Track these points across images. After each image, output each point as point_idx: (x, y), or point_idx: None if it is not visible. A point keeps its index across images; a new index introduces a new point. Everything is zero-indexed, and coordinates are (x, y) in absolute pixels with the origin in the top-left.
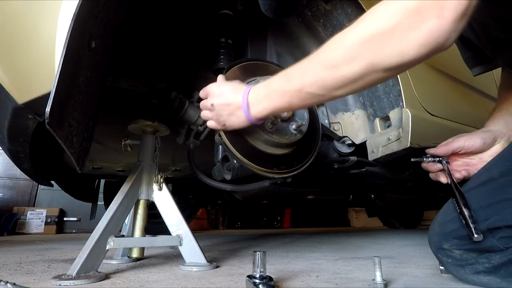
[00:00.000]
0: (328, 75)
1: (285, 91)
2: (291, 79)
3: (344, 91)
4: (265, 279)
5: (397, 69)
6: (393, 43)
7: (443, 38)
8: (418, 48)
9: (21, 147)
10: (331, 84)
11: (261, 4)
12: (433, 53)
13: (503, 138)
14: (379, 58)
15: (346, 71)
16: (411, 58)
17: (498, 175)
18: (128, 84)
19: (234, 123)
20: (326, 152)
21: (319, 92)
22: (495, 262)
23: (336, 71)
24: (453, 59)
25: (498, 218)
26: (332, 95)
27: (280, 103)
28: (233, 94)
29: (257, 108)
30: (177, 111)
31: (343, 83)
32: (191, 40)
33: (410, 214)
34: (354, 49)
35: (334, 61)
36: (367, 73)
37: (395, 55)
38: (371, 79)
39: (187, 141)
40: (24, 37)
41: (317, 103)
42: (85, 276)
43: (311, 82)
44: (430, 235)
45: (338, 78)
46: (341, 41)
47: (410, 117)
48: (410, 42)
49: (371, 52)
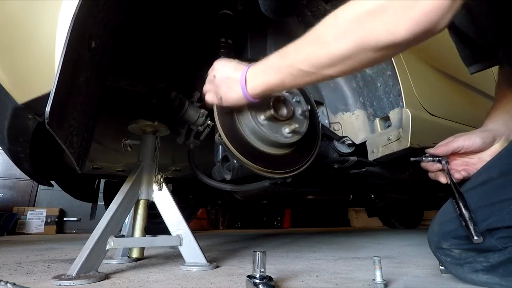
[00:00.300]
0: (319, 52)
1: (279, 67)
2: (286, 55)
3: (334, 70)
4: (265, 279)
5: (388, 49)
6: (385, 20)
7: (436, 18)
8: (410, 27)
9: (21, 147)
10: (321, 61)
11: (261, 4)
12: (425, 34)
13: (502, 137)
14: (370, 35)
15: (336, 48)
16: (403, 37)
17: (497, 175)
18: (128, 84)
19: (230, 97)
20: (326, 152)
21: (310, 70)
22: (493, 261)
23: (327, 47)
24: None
25: (497, 219)
26: (323, 73)
27: (273, 79)
28: (234, 70)
29: (252, 84)
30: (177, 111)
31: (333, 61)
32: (191, 40)
33: (410, 214)
34: (346, 26)
35: (325, 37)
36: (358, 51)
37: (386, 33)
38: (362, 59)
39: (187, 141)
40: (24, 37)
41: (309, 82)
42: (85, 276)
43: (303, 59)
44: (430, 234)
45: (329, 55)
46: (334, 18)
47: (410, 117)
48: (403, 20)
49: (362, 29)
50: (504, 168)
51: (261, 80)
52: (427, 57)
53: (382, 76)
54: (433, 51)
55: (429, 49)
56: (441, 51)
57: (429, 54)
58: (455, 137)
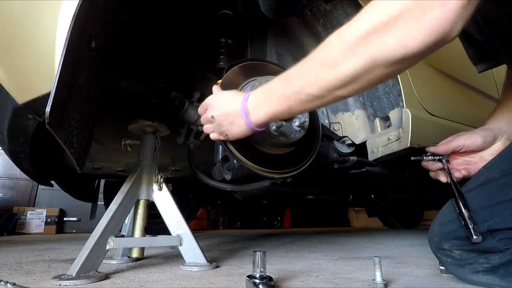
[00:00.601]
0: (328, 74)
1: (284, 94)
2: (290, 81)
3: (345, 91)
4: (265, 279)
5: (400, 64)
6: (396, 34)
7: (448, 27)
8: (422, 39)
9: (21, 147)
10: (331, 84)
11: (261, 4)
12: (437, 44)
13: (504, 136)
14: (381, 51)
15: (347, 68)
16: (415, 50)
17: (498, 175)
18: (128, 84)
19: (235, 132)
20: (326, 152)
21: (320, 93)
22: (494, 262)
23: (337, 69)
24: (453, 59)
25: (498, 220)
26: (334, 96)
27: (279, 107)
28: (232, 103)
29: (256, 114)
30: (177, 111)
31: (344, 82)
32: (191, 40)
33: (410, 214)
34: (355, 44)
35: (333, 58)
36: (369, 69)
37: (398, 46)
38: (374, 76)
39: (187, 141)
40: (24, 37)
41: (319, 106)
42: (85, 276)
43: (310, 82)
44: (430, 235)
45: (339, 77)
46: (340, 37)
47: (410, 117)
48: (414, 32)
49: (373, 46)
50: (506, 168)
51: (265, 109)
52: (428, 58)
53: None
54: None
55: None
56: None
57: None
58: (456, 136)
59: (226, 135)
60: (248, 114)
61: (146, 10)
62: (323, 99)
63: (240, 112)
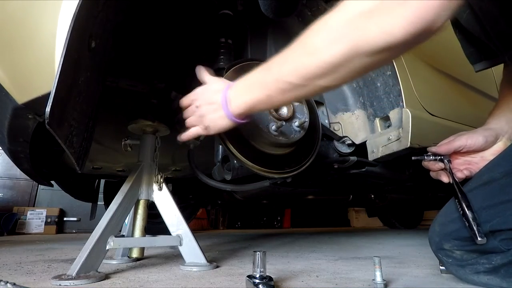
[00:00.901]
0: (308, 61)
1: (264, 82)
2: (271, 68)
3: (327, 81)
4: (265, 279)
5: (383, 53)
6: (379, 21)
7: (433, 15)
8: (406, 26)
9: (21, 147)
10: (312, 71)
11: (261, 4)
12: (422, 34)
13: (505, 135)
14: (364, 38)
15: (328, 56)
16: (398, 39)
17: (500, 175)
18: (128, 84)
19: (216, 123)
20: (326, 152)
21: (299, 82)
22: (495, 263)
23: (317, 55)
24: (453, 59)
25: (500, 221)
26: (314, 85)
27: (259, 95)
28: (215, 93)
29: (236, 103)
30: (177, 111)
31: (324, 70)
32: (191, 40)
33: (410, 214)
34: (337, 30)
35: (315, 44)
36: (351, 56)
37: (382, 34)
38: (355, 66)
39: (187, 141)
40: (24, 37)
41: (299, 96)
42: (85, 276)
43: (290, 70)
44: (431, 234)
45: (319, 64)
46: (325, 23)
47: (410, 117)
48: (397, 20)
49: (355, 32)
50: (508, 167)
51: (245, 98)
52: (427, 57)
53: (382, 76)
54: (433, 51)
55: (429, 49)
56: (441, 51)
57: (429, 54)
58: (457, 136)
59: (207, 127)
60: (229, 104)
61: (146, 10)
62: (304, 88)
63: (221, 100)
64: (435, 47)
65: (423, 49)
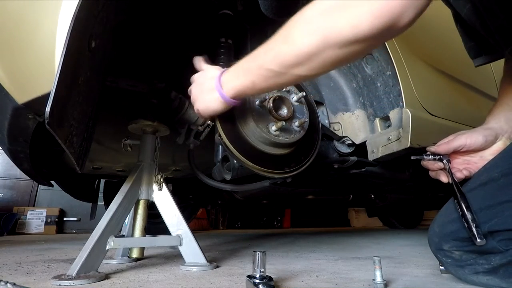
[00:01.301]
0: (286, 50)
1: (249, 68)
2: (256, 57)
3: (303, 70)
4: (265, 279)
5: (352, 46)
6: (348, 14)
7: (397, 13)
8: (372, 20)
9: (21, 147)
10: (289, 60)
11: (261, 4)
12: (388, 29)
13: (505, 135)
14: (333, 30)
15: (302, 45)
16: (365, 31)
17: (498, 175)
18: (128, 84)
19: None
20: (326, 152)
21: (279, 69)
22: (494, 263)
23: (293, 45)
24: (453, 59)
25: (499, 221)
26: (293, 73)
27: (244, 81)
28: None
29: (226, 88)
30: (177, 111)
31: (299, 59)
32: (191, 40)
33: (410, 214)
34: (311, 22)
35: (292, 35)
36: (322, 47)
37: (349, 27)
38: (328, 57)
39: (187, 141)
40: (24, 37)
41: (280, 84)
42: (85, 276)
43: (271, 58)
44: (430, 235)
45: (295, 53)
46: (301, 15)
47: (410, 117)
48: (364, 13)
49: (325, 24)
50: (506, 168)
51: (233, 83)
52: (427, 57)
53: (382, 76)
54: (433, 51)
55: (429, 49)
56: (441, 51)
57: (429, 54)
58: (456, 135)
59: (197, 109)
60: (222, 87)
61: (146, 10)
62: (284, 76)
63: (215, 84)
64: (435, 47)
65: (423, 49)
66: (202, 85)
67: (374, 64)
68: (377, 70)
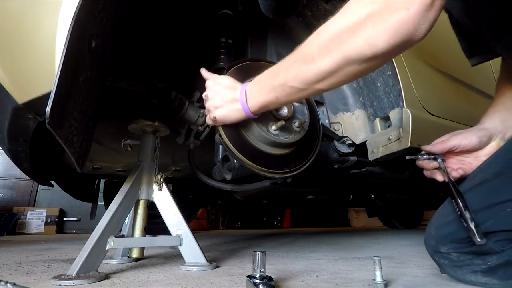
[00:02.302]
0: (307, 69)
1: (272, 86)
2: (277, 74)
3: (324, 85)
4: (265, 279)
5: (371, 61)
6: (364, 34)
7: (412, 29)
8: (388, 39)
9: (21, 147)
10: (310, 78)
11: (261, 4)
12: (404, 44)
13: (499, 135)
14: (351, 50)
15: (323, 65)
16: (383, 49)
17: (492, 176)
18: (128, 84)
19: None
20: (326, 152)
21: (301, 86)
22: (491, 263)
23: (314, 65)
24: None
25: (494, 222)
26: (314, 88)
27: (268, 97)
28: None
29: (252, 101)
30: (177, 111)
31: (320, 77)
32: (191, 40)
33: (410, 214)
34: (328, 43)
35: (311, 55)
36: (343, 65)
37: (367, 46)
38: (349, 72)
39: (187, 141)
40: (24, 37)
41: (302, 97)
42: (85, 276)
43: (293, 77)
44: (427, 237)
45: (316, 72)
46: (317, 36)
47: (410, 117)
48: (380, 33)
49: (344, 45)
50: (500, 168)
51: (257, 98)
52: (427, 57)
53: (383, 76)
54: (434, 51)
55: (429, 49)
56: (441, 51)
57: (429, 54)
58: (451, 135)
59: (214, 118)
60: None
61: (146, 10)
62: (306, 91)
63: (240, 97)
64: (436, 47)
65: (423, 49)
66: (221, 94)
67: None
68: (377, 70)
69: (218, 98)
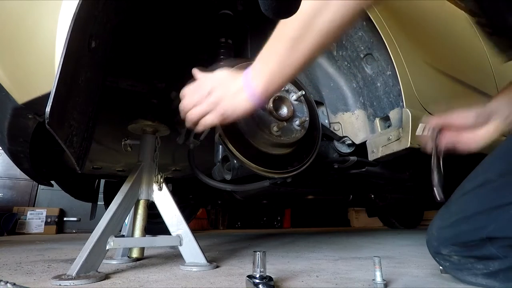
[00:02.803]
0: (294, 18)
1: (269, 52)
2: (270, 43)
3: (324, 19)
4: (265, 279)
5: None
6: None
7: None
8: None
9: (21, 147)
10: (305, 12)
11: (261, 4)
12: None
13: (501, 117)
14: None
15: (306, 5)
16: None
17: (495, 176)
18: (128, 84)
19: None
20: (326, 152)
21: (300, 30)
22: (493, 268)
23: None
24: (453, 59)
25: (496, 227)
26: (316, 26)
27: (272, 66)
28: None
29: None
30: (177, 111)
31: (314, 9)
32: (191, 40)
33: (410, 214)
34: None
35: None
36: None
37: None
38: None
39: (187, 141)
40: (24, 37)
41: (306, 53)
42: (85, 276)
43: (288, 29)
44: (428, 238)
45: (305, 9)
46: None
47: (410, 117)
48: None
49: None
50: (503, 168)
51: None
52: (428, 57)
53: (382, 76)
54: (434, 51)
55: (429, 49)
56: (441, 51)
57: (429, 54)
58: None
59: (223, 114)
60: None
61: (146, 10)
62: (307, 36)
63: (243, 84)
64: (436, 47)
65: (423, 49)
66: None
67: (374, 64)
68: (377, 70)
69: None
